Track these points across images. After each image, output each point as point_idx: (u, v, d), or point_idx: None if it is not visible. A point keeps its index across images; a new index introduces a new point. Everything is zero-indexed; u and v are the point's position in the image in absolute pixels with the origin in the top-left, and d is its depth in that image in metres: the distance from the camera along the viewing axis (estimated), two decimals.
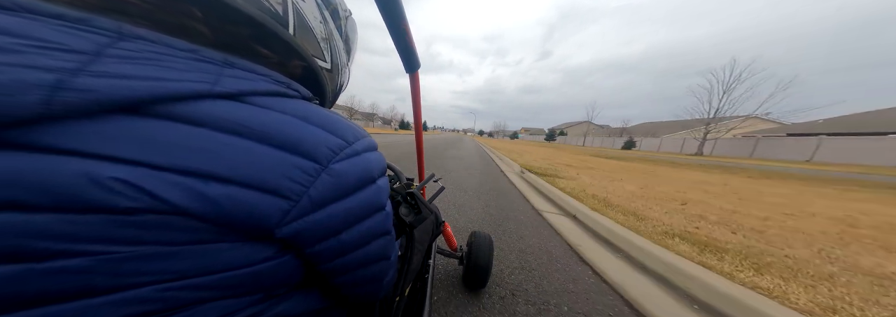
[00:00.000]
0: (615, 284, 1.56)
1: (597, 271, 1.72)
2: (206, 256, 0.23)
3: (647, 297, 1.43)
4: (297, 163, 0.26)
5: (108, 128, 0.20)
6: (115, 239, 0.20)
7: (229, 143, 0.23)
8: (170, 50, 0.24)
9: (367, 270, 0.37)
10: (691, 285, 1.46)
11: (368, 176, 0.31)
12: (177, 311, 0.24)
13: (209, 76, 0.25)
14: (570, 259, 1.87)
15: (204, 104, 0.24)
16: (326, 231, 0.29)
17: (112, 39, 0.21)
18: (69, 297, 0.20)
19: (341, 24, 0.46)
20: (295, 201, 0.25)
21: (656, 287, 1.52)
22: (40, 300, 0.19)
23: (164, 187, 0.21)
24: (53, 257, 0.19)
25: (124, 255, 0.20)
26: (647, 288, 1.51)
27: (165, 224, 0.21)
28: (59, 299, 0.19)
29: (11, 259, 0.18)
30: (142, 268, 0.21)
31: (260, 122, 0.25)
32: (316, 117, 0.29)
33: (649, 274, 1.65)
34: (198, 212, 0.22)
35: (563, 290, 1.49)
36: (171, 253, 0.22)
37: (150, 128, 0.21)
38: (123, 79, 0.20)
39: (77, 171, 0.19)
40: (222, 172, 0.22)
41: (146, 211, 0.20)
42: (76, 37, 0.20)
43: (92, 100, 0.19)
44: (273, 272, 0.28)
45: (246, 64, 0.28)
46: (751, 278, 1.49)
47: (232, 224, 0.23)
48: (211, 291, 0.25)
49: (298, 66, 0.39)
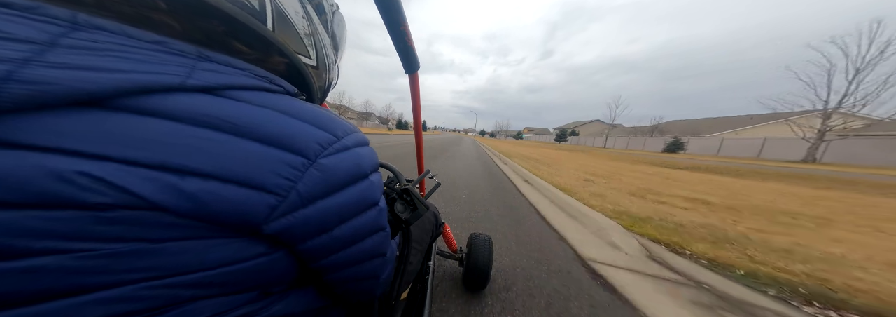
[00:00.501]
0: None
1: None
2: (191, 252, 0.23)
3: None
4: (282, 158, 0.25)
5: (70, 122, 0.19)
6: (92, 236, 0.19)
7: (206, 137, 0.23)
8: (134, 41, 0.23)
9: (361, 266, 0.37)
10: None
11: (359, 171, 0.31)
12: (166, 309, 0.23)
13: (181, 69, 0.24)
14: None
15: (176, 97, 0.23)
16: (318, 227, 0.29)
17: (66, 29, 0.20)
18: (49, 296, 0.19)
19: (327, 20, 0.45)
20: (282, 197, 0.25)
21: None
22: (18, 300, 0.19)
23: (137, 182, 0.20)
24: (29, 255, 0.18)
25: (104, 252, 0.20)
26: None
27: (143, 220, 0.21)
28: (38, 298, 0.19)
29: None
30: (124, 265, 0.21)
31: (240, 116, 0.24)
32: (301, 112, 0.29)
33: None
34: (175, 207, 0.21)
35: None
36: (153, 250, 0.21)
37: (117, 122, 0.20)
38: (81, 70, 0.19)
39: (38, 165, 0.18)
40: (200, 167, 0.22)
41: (119, 207, 0.20)
42: (24, 26, 0.19)
43: (47, 92, 0.18)
44: (266, 269, 0.28)
45: (223, 58, 0.28)
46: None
47: (216, 220, 0.23)
48: (200, 288, 0.24)
49: (280, 62, 0.38)
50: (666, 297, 1.46)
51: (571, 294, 1.45)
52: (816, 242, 2.33)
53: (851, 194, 5.45)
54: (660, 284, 1.57)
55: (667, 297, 1.46)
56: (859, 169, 15.98)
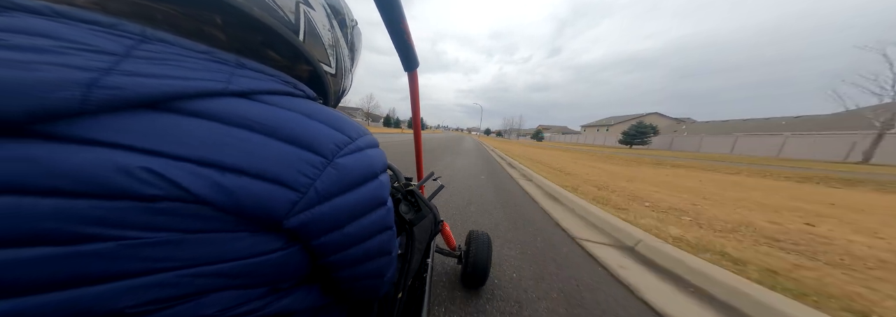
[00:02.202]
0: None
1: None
2: (219, 243, 0.25)
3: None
4: (304, 157, 0.27)
5: (134, 122, 0.22)
6: (139, 225, 0.21)
7: (243, 137, 0.25)
8: (187, 52, 0.26)
9: (368, 264, 0.39)
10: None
11: (371, 171, 0.33)
12: (192, 298, 0.25)
13: (223, 76, 0.27)
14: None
15: (219, 101, 0.26)
16: (331, 224, 0.30)
17: (137, 42, 0.24)
18: (99, 279, 0.21)
19: (347, 33, 0.49)
20: (302, 193, 0.27)
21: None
22: (73, 282, 0.20)
23: (186, 177, 0.22)
24: (86, 240, 0.20)
25: (147, 240, 0.22)
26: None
27: (184, 212, 0.23)
28: (90, 281, 0.21)
29: (49, 242, 0.19)
30: (162, 254, 0.23)
31: (270, 118, 0.27)
32: (321, 115, 0.31)
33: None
34: (215, 201, 0.23)
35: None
36: (188, 240, 0.23)
37: (171, 122, 0.23)
38: (147, 77, 0.22)
39: (109, 160, 0.20)
40: (237, 164, 0.24)
41: (168, 199, 0.22)
42: (107, 40, 0.22)
43: (121, 96, 0.21)
44: (282, 264, 0.29)
45: (256, 65, 0.31)
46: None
47: (245, 214, 0.25)
48: (223, 278, 0.26)
49: (305, 70, 0.41)
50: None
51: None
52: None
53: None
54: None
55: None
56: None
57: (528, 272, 1.71)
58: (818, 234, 2.58)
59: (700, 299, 1.53)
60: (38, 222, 0.19)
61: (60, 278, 0.20)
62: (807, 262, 1.92)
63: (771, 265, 1.79)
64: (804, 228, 2.79)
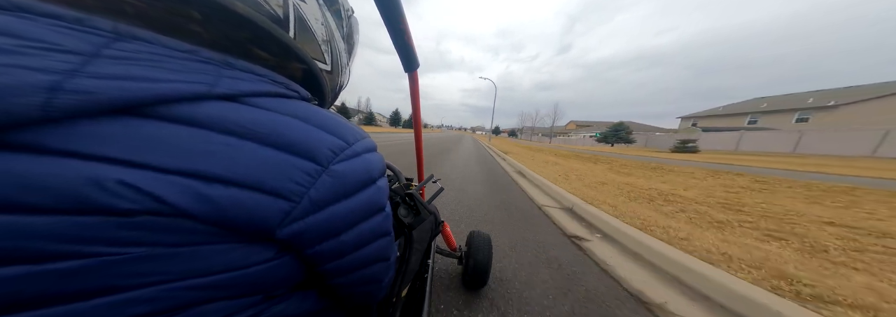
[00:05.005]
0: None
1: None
2: (208, 256, 0.24)
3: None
4: (297, 164, 0.26)
5: (109, 130, 0.20)
6: (116, 241, 0.20)
7: (230, 144, 0.23)
8: (168, 51, 0.24)
9: (365, 271, 0.37)
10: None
11: (369, 177, 0.31)
12: (181, 310, 0.24)
13: (208, 77, 0.25)
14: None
15: (204, 105, 0.24)
16: (327, 232, 0.29)
17: (108, 40, 0.21)
18: (76, 297, 0.20)
19: (343, 24, 0.45)
20: (295, 203, 0.25)
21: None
22: (44, 301, 0.19)
23: (165, 189, 0.20)
24: (56, 258, 0.19)
25: (129, 256, 0.20)
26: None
27: (165, 226, 0.21)
28: (65, 299, 0.20)
29: (13, 261, 0.18)
30: (146, 269, 0.21)
31: (260, 123, 0.25)
32: (315, 118, 0.30)
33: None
34: (199, 214, 0.22)
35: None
36: (169, 254, 0.22)
37: (151, 129, 0.21)
38: (121, 80, 0.20)
39: (80, 173, 0.19)
40: (224, 174, 0.23)
41: (146, 213, 0.20)
42: (72, 37, 0.20)
43: (90, 101, 0.19)
44: (273, 273, 0.28)
45: (244, 64, 0.28)
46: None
47: (233, 226, 0.23)
48: (212, 291, 0.25)
49: (298, 68, 0.39)
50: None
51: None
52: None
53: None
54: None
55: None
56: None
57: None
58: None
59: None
60: (3, 241, 0.17)
61: (27, 297, 0.19)
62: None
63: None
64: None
